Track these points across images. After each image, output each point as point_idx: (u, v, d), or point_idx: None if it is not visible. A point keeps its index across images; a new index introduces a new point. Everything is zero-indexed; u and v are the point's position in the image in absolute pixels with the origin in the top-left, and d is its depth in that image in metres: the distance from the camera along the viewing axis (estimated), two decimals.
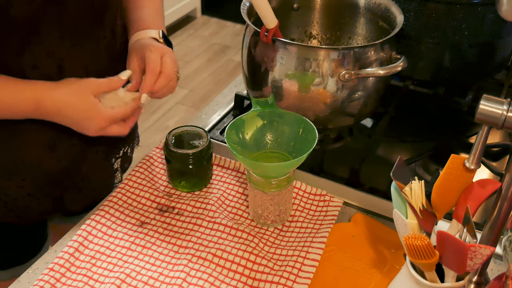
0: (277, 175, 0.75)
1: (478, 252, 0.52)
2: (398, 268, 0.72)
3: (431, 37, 0.99)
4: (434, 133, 1.02)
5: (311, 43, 1.10)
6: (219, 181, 0.89)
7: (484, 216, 0.83)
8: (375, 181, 0.88)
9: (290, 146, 0.80)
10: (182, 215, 0.82)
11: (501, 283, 0.57)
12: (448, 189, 0.63)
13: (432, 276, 0.60)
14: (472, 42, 0.98)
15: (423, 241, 0.56)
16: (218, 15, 3.72)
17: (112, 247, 0.77)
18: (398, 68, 0.84)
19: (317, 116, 0.89)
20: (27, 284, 0.73)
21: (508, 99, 0.55)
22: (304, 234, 0.79)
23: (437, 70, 1.03)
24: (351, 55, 0.84)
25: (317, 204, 0.84)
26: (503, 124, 0.55)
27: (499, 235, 0.62)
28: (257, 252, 0.75)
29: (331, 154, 0.95)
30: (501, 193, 0.59)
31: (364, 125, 1.04)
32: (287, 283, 0.71)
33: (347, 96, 0.87)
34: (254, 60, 0.91)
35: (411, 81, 1.09)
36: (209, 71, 3.08)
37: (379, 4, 0.98)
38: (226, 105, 1.08)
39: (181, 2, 3.44)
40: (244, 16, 0.91)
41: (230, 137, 0.76)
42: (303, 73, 0.85)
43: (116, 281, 0.71)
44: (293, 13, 1.07)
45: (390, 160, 0.96)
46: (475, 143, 0.59)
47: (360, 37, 1.05)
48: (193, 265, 0.73)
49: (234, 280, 0.72)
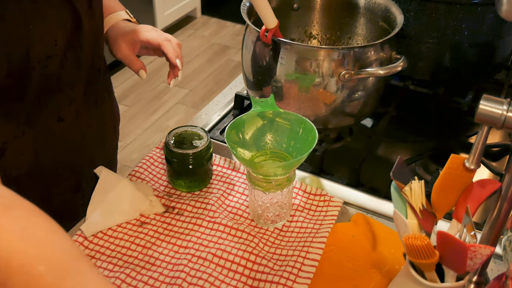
0: (277, 175, 0.75)
1: (478, 252, 0.52)
2: (398, 268, 0.72)
3: (431, 37, 0.99)
4: (434, 133, 1.02)
5: (311, 43, 1.10)
6: (219, 181, 0.89)
7: (484, 216, 0.83)
8: (375, 181, 0.88)
9: (290, 146, 0.80)
10: (182, 215, 0.82)
11: (501, 283, 0.57)
12: (448, 189, 0.63)
13: (432, 276, 0.60)
14: (472, 42, 0.98)
15: (423, 241, 0.56)
16: (218, 15, 3.72)
17: (112, 247, 0.77)
18: (398, 68, 0.84)
19: (317, 116, 0.89)
20: None
21: (508, 99, 0.55)
22: (304, 234, 0.79)
23: (437, 70, 1.03)
24: (351, 55, 0.84)
25: (317, 204, 0.84)
26: (503, 124, 0.55)
27: (499, 235, 0.61)
28: (257, 252, 0.75)
29: (331, 154, 0.95)
30: (501, 193, 0.59)
31: (364, 125, 1.04)
32: (287, 283, 0.71)
33: (347, 96, 0.87)
34: (254, 60, 0.91)
35: (411, 81, 1.09)
36: (209, 71, 3.09)
37: (379, 4, 0.98)
38: (226, 105, 1.08)
39: (181, 2, 3.44)
40: (244, 16, 0.92)
41: (230, 137, 0.76)
42: (303, 73, 0.85)
43: (116, 281, 0.71)
44: (293, 13, 1.07)
45: (390, 160, 0.96)
46: (475, 143, 0.59)
47: (360, 37, 1.05)
48: (193, 265, 0.73)
49: (234, 280, 0.72)
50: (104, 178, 0.79)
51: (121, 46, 0.85)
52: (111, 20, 0.87)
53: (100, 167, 0.79)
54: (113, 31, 0.86)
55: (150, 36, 0.84)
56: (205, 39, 3.45)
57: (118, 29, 0.86)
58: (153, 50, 0.89)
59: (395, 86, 1.08)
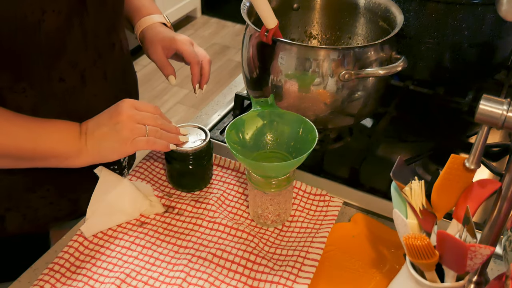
0: (277, 175, 0.75)
1: (478, 252, 0.52)
2: (398, 268, 0.72)
3: (431, 37, 0.99)
4: (434, 133, 1.02)
5: (311, 43, 1.10)
6: (219, 181, 0.89)
7: (484, 216, 0.83)
8: (375, 181, 0.88)
9: (290, 146, 0.80)
10: (182, 215, 0.82)
11: (501, 283, 0.57)
12: (448, 189, 0.63)
13: (432, 276, 0.60)
14: (472, 42, 0.98)
15: (423, 241, 0.56)
16: (218, 15, 3.72)
17: (112, 247, 0.77)
18: (398, 68, 0.84)
19: (317, 116, 0.89)
20: (27, 284, 0.73)
21: (508, 99, 0.55)
22: (304, 234, 0.79)
23: (437, 70, 1.03)
24: (351, 55, 0.84)
25: (317, 204, 0.84)
26: (503, 124, 0.55)
27: (499, 235, 0.61)
28: (257, 252, 0.75)
29: (331, 154, 0.95)
30: (501, 193, 0.59)
31: (364, 125, 1.04)
32: (287, 283, 0.71)
33: (347, 96, 0.87)
34: (254, 60, 0.92)
35: (411, 81, 1.09)
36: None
37: (379, 4, 0.98)
38: (226, 105, 1.08)
39: (181, 2, 3.44)
40: (244, 16, 0.92)
41: (230, 137, 0.76)
42: (303, 73, 0.85)
43: (116, 281, 0.71)
44: (293, 13, 1.07)
45: (390, 160, 0.96)
46: (475, 143, 0.59)
47: (360, 37, 1.05)
48: (193, 265, 0.73)
49: (234, 280, 0.72)
50: (104, 178, 0.79)
51: (157, 49, 0.90)
52: (147, 21, 0.93)
53: (100, 167, 0.79)
54: (150, 33, 0.92)
55: (186, 50, 0.90)
56: (205, 39, 3.45)
57: (156, 32, 0.92)
58: (183, 60, 0.94)
59: (395, 86, 1.08)
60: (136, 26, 0.94)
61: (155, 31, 0.92)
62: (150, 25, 0.93)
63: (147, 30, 0.92)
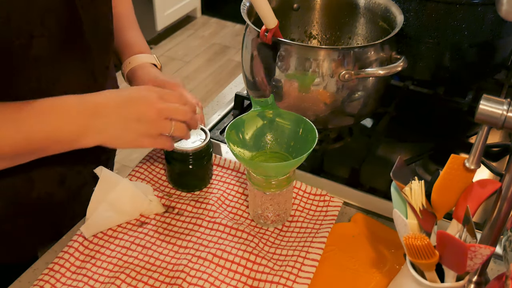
0: (277, 175, 0.75)
1: (478, 252, 0.52)
2: (398, 268, 0.72)
3: (431, 37, 0.99)
4: (434, 133, 1.02)
5: (311, 43, 1.10)
6: (219, 181, 0.89)
7: (484, 216, 0.83)
8: (375, 181, 0.88)
9: (290, 146, 0.80)
10: (182, 215, 0.82)
11: (501, 283, 0.57)
12: (448, 189, 0.63)
13: (432, 276, 0.60)
14: (472, 42, 0.98)
15: (423, 241, 0.56)
16: (218, 15, 3.72)
17: (112, 247, 0.77)
18: (398, 68, 0.84)
19: (317, 116, 0.89)
20: (27, 284, 0.73)
21: (508, 99, 0.55)
22: (304, 234, 0.79)
23: (437, 70, 1.03)
24: (351, 55, 0.84)
25: (317, 204, 0.84)
26: (503, 124, 0.55)
27: (499, 235, 0.61)
28: (257, 252, 0.75)
29: (331, 154, 0.95)
30: (501, 193, 0.59)
31: (364, 125, 1.04)
32: (287, 283, 0.71)
33: (347, 96, 0.87)
34: (254, 60, 0.92)
35: (411, 81, 1.09)
36: (209, 71, 3.09)
37: (379, 4, 0.98)
38: (226, 105, 1.08)
39: (181, 2, 3.44)
40: (244, 16, 0.92)
41: (230, 137, 0.76)
42: (303, 73, 0.85)
43: (116, 281, 0.71)
44: (293, 13, 1.07)
45: (390, 160, 0.96)
46: (475, 143, 0.59)
47: (360, 37, 1.05)
48: (193, 265, 0.73)
49: (234, 280, 0.72)
50: (104, 178, 0.79)
51: None
52: (138, 59, 0.90)
53: (100, 167, 0.79)
54: (141, 72, 0.89)
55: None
56: (205, 39, 3.45)
57: (147, 71, 0.89)
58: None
59: (395, 86, 1.08)
60: (125, 62, 0.91)
61: (146, 71, 0.89)
62: (141, 64, 0.90)
63: (138, 69, 0.89)
